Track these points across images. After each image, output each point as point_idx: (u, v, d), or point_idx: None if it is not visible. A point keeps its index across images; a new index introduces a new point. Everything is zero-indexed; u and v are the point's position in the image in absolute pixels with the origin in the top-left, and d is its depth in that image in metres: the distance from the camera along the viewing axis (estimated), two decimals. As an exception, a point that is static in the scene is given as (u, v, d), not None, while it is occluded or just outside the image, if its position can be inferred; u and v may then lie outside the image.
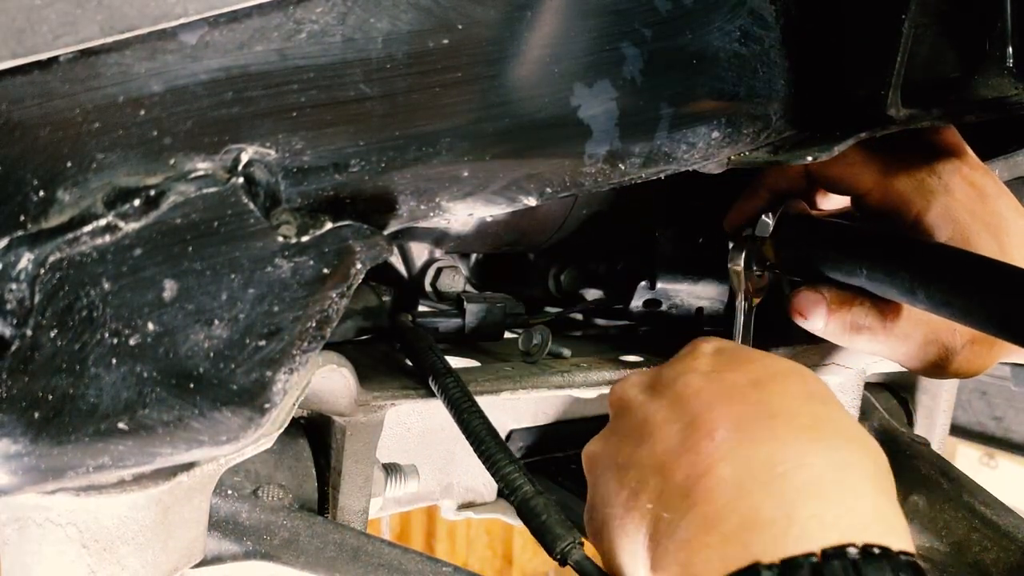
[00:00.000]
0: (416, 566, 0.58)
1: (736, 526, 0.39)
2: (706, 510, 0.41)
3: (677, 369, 0.51)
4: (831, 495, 0.40)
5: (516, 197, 0.48)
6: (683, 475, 0.43)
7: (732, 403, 0.45)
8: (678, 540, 0.41)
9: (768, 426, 0.43)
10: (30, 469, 0.38)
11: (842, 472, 0.41)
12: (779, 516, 0.39)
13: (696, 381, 0.48)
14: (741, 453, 0.42)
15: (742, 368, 0.48)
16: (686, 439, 0.44)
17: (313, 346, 0.43)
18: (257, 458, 0.60)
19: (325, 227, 0.42)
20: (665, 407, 0.48)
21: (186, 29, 0.37)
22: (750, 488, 0.40)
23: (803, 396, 0.45)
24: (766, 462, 0.41)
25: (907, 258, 0.54)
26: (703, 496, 0.41)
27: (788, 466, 0.41)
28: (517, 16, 0.44)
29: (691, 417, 0.45)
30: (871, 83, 0.52)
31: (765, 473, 0.41)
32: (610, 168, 0.49)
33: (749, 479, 0.41)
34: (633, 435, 0.49)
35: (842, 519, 0.38)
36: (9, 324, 0.36)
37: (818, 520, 0.38)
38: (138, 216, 0.37)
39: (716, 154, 0.53)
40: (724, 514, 0.40)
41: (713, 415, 0.45)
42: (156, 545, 0.50)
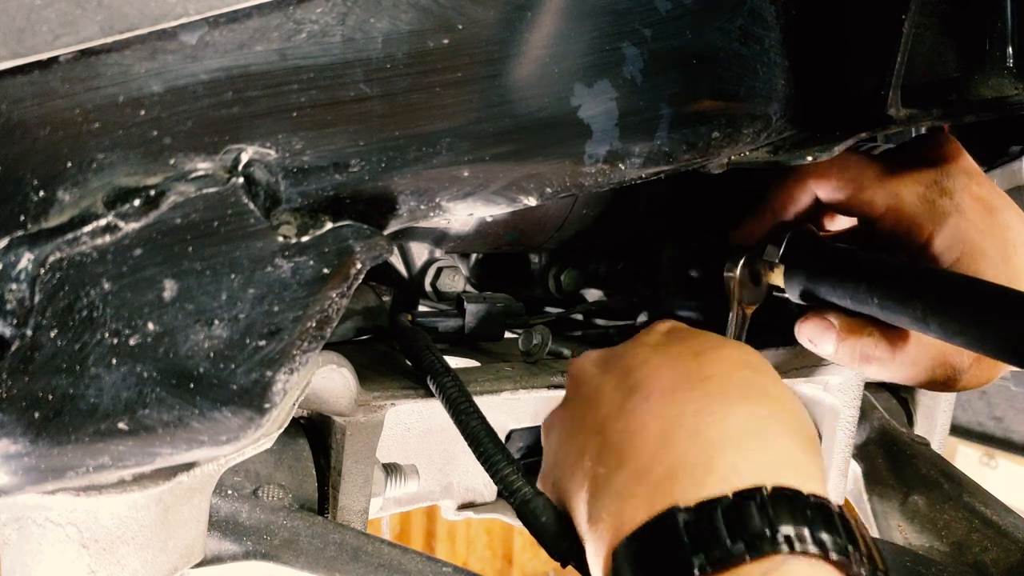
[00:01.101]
0: (416, 566, 0.58)
1: (660, 475, 0.41)
2: (636, 464, 0.43)
3: (629, 345, 0.54)
4: (749, 444, 0.42)
5: (516, 197, 0.48)
6: (618, 434, 0.45)
7: (671, 369, 0.48)
8: (611, 493, 0.43)
9: (700, 387, 0.45)
10: (30, 469, 0.38)
11: (761, 423, 0.43)
12: (699, 463, 0.41)
13: (643, 353, 0.51)
14: (671, 410, 0.44)
15: (687, 342, 0.51)
16: (625, 402, 0.47)
17: (313, 346, 0.43)
18: (257, 458, 0.60)
19: (325, 227, 0.42)
20: (614, 378, 0.50)
21: (186, 29, 0.37)
22: (675, 440, 0.43)
23: (739, 364, 0.48)
24: (692, 416, 0.43)
25: (919, 288, 0.53)
26: (633, 451, 0.44)
27: (712, 419, 0.43)
28: (517, 16, 0.44)
29: (633, 383, 0.48)
30: (871, 83, 0.52)
31: (690, 426, 0.43)
32: (610, 168, 0.49)
33: (674, 432, 0.43)
34: (583, 404, 0.51)
35: (757, 465, 0.41)
36: (9, 324, 0.36)
37: (733, 466, 0.41)
38: (138, 216, 0.37)
39: (716, 154, 0.53)
40: (651, 465, 0.42)
41: (651, 380, 0.47)
42: (156, 545, 0.50)
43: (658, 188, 0.80)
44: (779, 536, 0.38)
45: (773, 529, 0.38)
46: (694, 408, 0.44)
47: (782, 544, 0.37)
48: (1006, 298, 0.50)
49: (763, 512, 0.38)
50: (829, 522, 0.39)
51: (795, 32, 0.53)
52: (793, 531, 0.38)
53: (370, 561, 0.58)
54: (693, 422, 0.43)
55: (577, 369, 0.56)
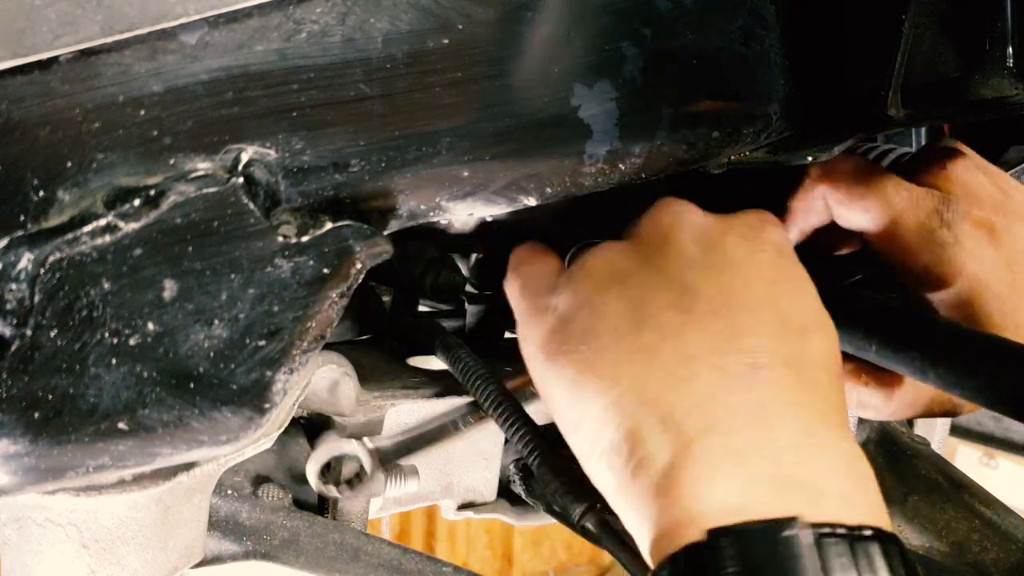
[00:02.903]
0: (416, 566, 0.58)
1: (767, 469, 0.38)
2: (733, 444, 0.39)
3: (741, 250, 0.47)
4: (858, 479, 0.39)
5: (516, 197, 0.48)
6: (709, 389, 0.41)
7: (783, 339, 0.43)
8: (691, 455, 0.39)
9: (809, 389, 0.42)
10: (30, 469, 0.38)
11: (860, 463, 0.40)
12: (811, 479, 0.38)
13: (759, 277, 0.45)
14: (779, 404, 0.41)
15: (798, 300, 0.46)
16: (725, 351, 0.42)
17: (313, 346, 0.43)
18: (257, 458, 0.60)
19: (325, 227, 0.42)
20: (715, 291, 0.44)
21: (186, 29, 0.37)
22: (782, 444, 0.39)
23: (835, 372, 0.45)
24: (803, 425, 0.40)
25: (916, 337, 0.53)
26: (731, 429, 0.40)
27: (815, 440, 0.40)
28: (517, 16, 0.44)
29: (738, 329, 0.43)
30: (871, 83, 0.52)
31: (803, 438, 0.40)
32: (610, 168, 0.49)
33: (781, 434, 0.39)
34: (669, 290, 0.45)
35: (866, 503, 0.38)
36: (9, 324, 0.36)
37: (848, 498, 0.38)
38: (138, 216, 0.37)
39: (716, 154, 0.53)
40: (751, 455, 0.39)
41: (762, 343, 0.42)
42: (156, 545, 0.50)
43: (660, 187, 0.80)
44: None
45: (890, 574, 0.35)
46: (803, 411, 0.41)
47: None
48: (1005, 350, 0.50)
49: (886, 557, 0.36)
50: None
51: (795, 32, 0.53)
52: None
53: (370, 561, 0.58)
54: (806, 427, 0.40)
55: (670, 224, 0.48)
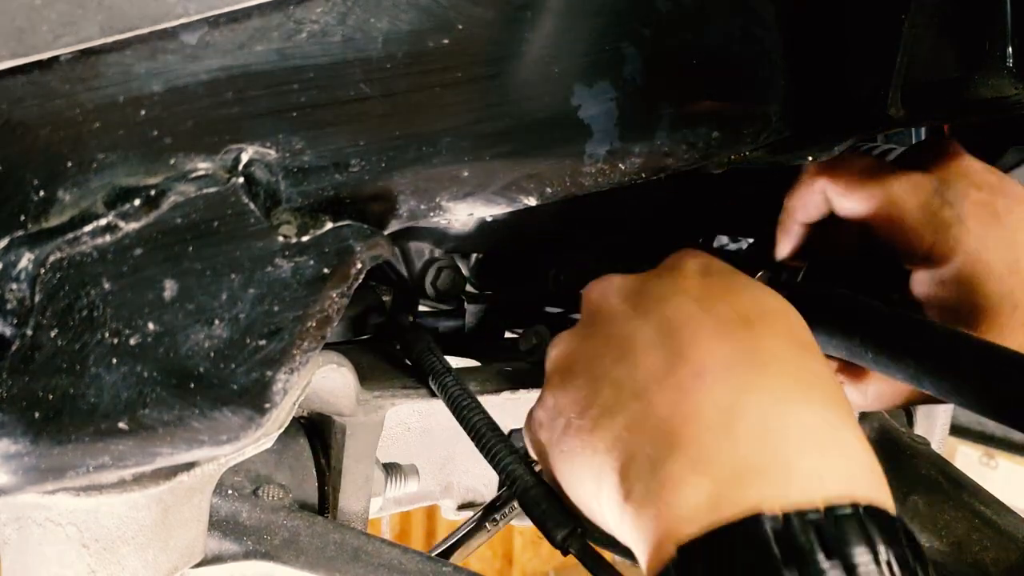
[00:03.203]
0: (416, 566, 0.58)
1: (730, 473, 0.38)
2: (693, 453, 0.39)
3: (665, 286, 0.48)
4: (830, 451, 0.39)
5: (516, 197, 0.48)
6: (666, 410, 0.41)
7: (722, 341, 0.43)
8: (660, 478, 0.39)
9: (759, 374, 0.41)
10: (30, 469, 0.38)
11: (835, 428, 0.40)
12: (775, 466, 0.38)
13: (685, 307, 0.45)
14: (730, 399, 0.40)
15: (732, 299, 0.46)
16: (671, 371, 0.43)
17: (313, 346, 0.43)
18: (257, 458, 0.60)
19: (325, 227, 0.42)
20: (651, 328, 0.45)
21: (186, 29, 0.37)
22: (740, 434, 0.39)
23: (793, 345, 0.44)
24: (757, 413, 0.40)
25: (912, 344, 0.53)
26: (689, 438, 0.40)
27: (782, 421, 0.39)
28: (517, 16, 0.44)
29: (678, 347, 0.43)
30: (871, 83, 0.52)
31: (757, 425, 0.39)
32: (610, 168, 0.49)
33: (738, 425, 0.39)
34: (612, 348, 0.46)
35: (843, 476, 0.38)
36: (9, 324, 0.36)
37: (817, 474, 0.37)
38: (138, 216, 0.37)
39: (716, 154, 0.53)
40: (713, 458, 0.39)
41: (702, 351, 0.42)
42: (156, 545, 0.50)
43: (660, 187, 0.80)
44: (881, 563, 0.34)
45: (875, 554, 0.34)
46: (755, 402, 0.40)
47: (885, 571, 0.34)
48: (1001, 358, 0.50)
49: (863, 532, 0.35)
50: (917, 550, 0.36)
51: (795, 32, 0.53)
52: (894, 558, 0.35)
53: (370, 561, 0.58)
54: (759, 417, 0.39)
55: (599, 298, 0.50)
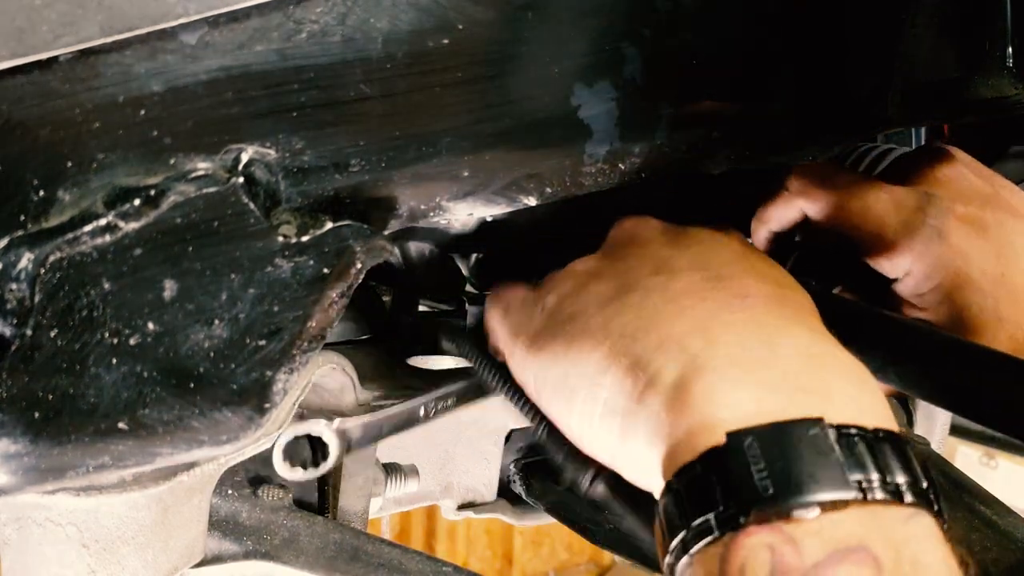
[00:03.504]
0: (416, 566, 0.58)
1: (778, 381, 0.38)
2: (736, 354, 0.39)
3: (704, 233, 0.49)
4: (865, 387, 0.40)
5: (516, 197, 0.48)
6: (706, 315, 0.41)
7: (762, 282, 0.44)
8: (698, 368, 0.39)
9: (797, 316, 0.42)
10: (30, 469, 0.38)
11: (868, 376, 0.41)
12: (818, 388, 0.38)
13: (725, 251, 0.46)
14: (773, 323, 0.41)
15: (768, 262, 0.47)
16: (713, 289, 0.43)
17: (313, 346, 0.43)
18: (257, 458, 0.60)
19: (325, 227, 0.42)
20: (691, 256, 0.46)
21: (186, 29, 0.37)
22: (783, 355, 0.39)
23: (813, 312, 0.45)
24: (799, 341, 0.40)
25: (879, 337, 0.53)
26: (731, 342, 0.40)
27: (821, 353, 0.40)
28: (517, 16, 0.44)
29: (719, 274, 0.44)
30: (871, 83, 0.52)
31: (801, 350, 0.40)
32: (610, 168, 0.49)
33: (783, 346, 0.40)
34: (646, 263, 0.46)
35: (878, 410, 0.38)
36: (9, 324, 0.36)
37: (857, 403, 0.38)
38: (138, 216, 0.37)
39: (716, 154, 0.53)
40: (761, 367, 0.39)
41: (745, 282, 0.43)
42: (156, 545, 0.50)
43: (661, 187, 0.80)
44: (918, 485, 0.35)
45: (912, 477, 0.35)
46: (797, 331, 0.41)
47: (922, 495, 0.35)
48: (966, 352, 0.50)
49: (903, 457, 0.35)
50: (932, 478, 0.37)
51: (795, 32, 0.53)
52: (925, 483, 0.35)
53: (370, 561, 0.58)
54: (802, 345, 0.40)
55: (633, 226, 0.51)
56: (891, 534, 0.33)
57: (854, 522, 0.33)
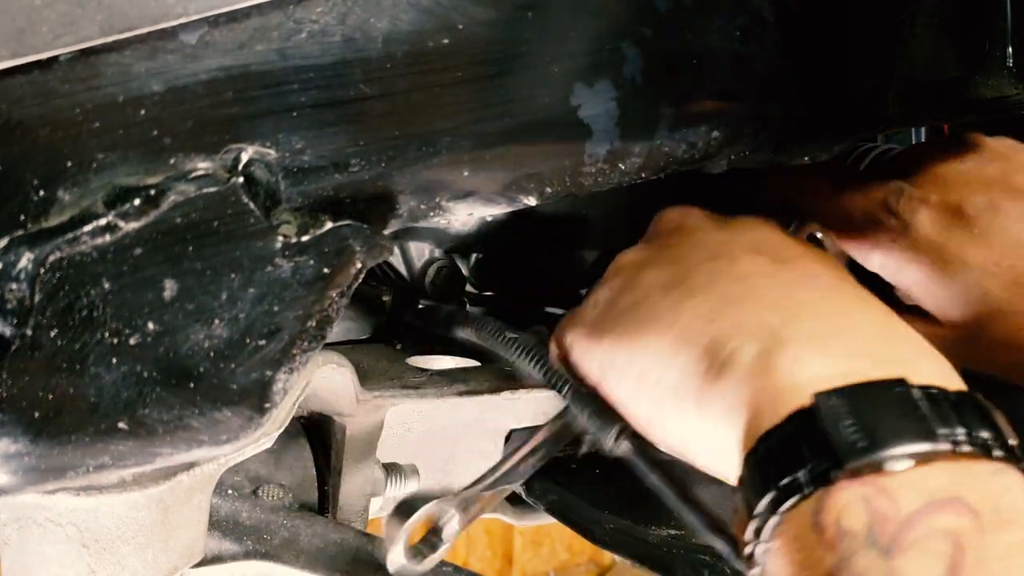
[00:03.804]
0: (416, 566, 0.58)
1: (857, 348, 0.39)
2: (815, 325, 0.40)
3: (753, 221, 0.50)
4: (939, 358, 0.40)
5: (516, 197, 0.48)
6: (777, 294, 0.42)
7: (826, 264, 0.46)
8: (778, 341, 0.39)
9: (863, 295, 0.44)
10: (30, 469, 0.38)
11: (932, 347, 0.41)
12: (899, 355, 0.39)
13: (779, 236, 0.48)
14: (845, 301, 0.42)
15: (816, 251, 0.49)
16: (780, 269, 0.44)
17: (313, 346, 0.43)
18: (257, 458, 0.60)
19: (325, 227, 0.42)
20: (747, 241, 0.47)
21: (186, 29, 0.37)
22: (860, 324, 0.41)
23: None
24: (873, 317, 0.41)
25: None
26: (809, 316, 0.41)
27: (895, 329, 0.41)
28: (517, 16, 0.44)
29: (782, 256, 0.45)
30: (871, 83, 0.52)
31: (876, 324, 0.41)
32: (610, 168, 0.49)
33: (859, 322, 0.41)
34: (701, 249, 0.47)
35: (954, 378, 0.39)
36: (9, 324, 0.36)
37: (937, 370, 0.38)
38: (138, 216, 0.37)
39: (716, 154, 0.53)
40: (839, 335, 0.39)
41: (808, 264, 0.45)
42: (156, 544, 0.50)
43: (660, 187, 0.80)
44: (1006, 442, 0.35)
45: (997, 434, 0.35)
46: (870, 308, 0.42)
47: (1009, 451, 0.35)
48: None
49: (986, 415, 0.35)
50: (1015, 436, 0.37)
51: (795, 32, 0.53)
52: (1012, 440, 0.35)
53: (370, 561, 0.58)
54: (876, 320, 0.41)
55: (680, 216, 0.52)
56: (983, 485, 0.33)
57: (946, 474, 0.33)
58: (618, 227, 0.82)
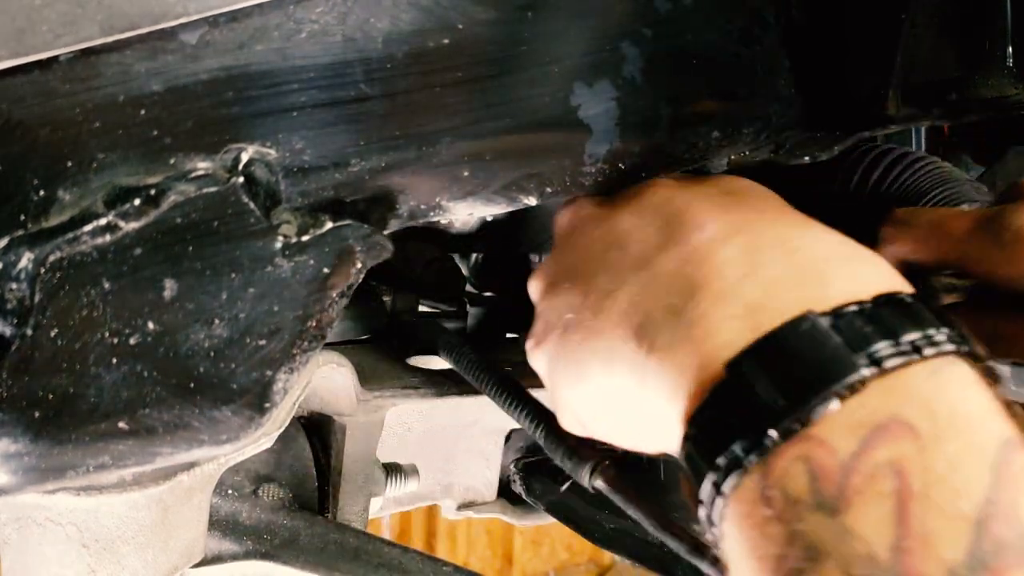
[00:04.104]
0: (416, 566, 0.58)
1: (761, 294, 0.36)
2: (719, 287, 0.37)
3: (633, 189, 0.47)
4: (858, 258, 0.38)
5: (516, 197, 0.48)
6: (674, 265, 0.39)
7: (713, 205, 0.41)
8: (686, 321, 0.37)
9: (760, 218, 0.40)
10: (30, 469, 0.38)
11: (856, 247, 0.38)
12: (810, 277, 0.36)
13: (662, 191, 0.44)
14: (742, 238, 0.38)
15: (707, 181, 0.45)
16: (672, 237, 0.41)
17: (313, 345, 0.43)
18: (257, 458, 0.60)
19: (325, 226, 0.42)
20: (634, 214, 0.44)
21: (186, 29, 0.37)
22: (765, 263, 0.37)
23: (780, 202, 0.43)
24: (776, 241, 0.38)
25: None
26: (709, 276, 0.37)
27: (802, 242, 0.38)
28: (517, 16, 0.44)
29: (671, 218, 0.42)
30: (871, 83, 0.52)
31: (779, 249, 0.37)
32: (610, 168, 0.49)
33: (762, 255, 0.37)
34: (597, 243, 0.45)
35: (877, 274, 0.36)
36: (9, 324, 0.36)
37: (855, 276, 0.36)
38: (138, 215, 0.37)
39: (716, 154, 0.53)
40: (743, 287, 0.36)
41: (695, 211, 0.41)
42: (156, 544, 0.50)
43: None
44: (934, 336, 0.33)
45: (925, 330, 0.33)
46: (771, 234, 0.38)
47: (943, 344, 0.33)
48: None
49: (911, 313, 0.33)
50: (954, 324, 0.35)
51: (795, 32, 0.53)
52: (942, 332, 0.33)
53: (370, 561, 0.58)
54: (779, 245, 0.38)
55: (571, 213, 0.49)
56: (918, 394, 0.32)
57: (877, 398, 0.32)
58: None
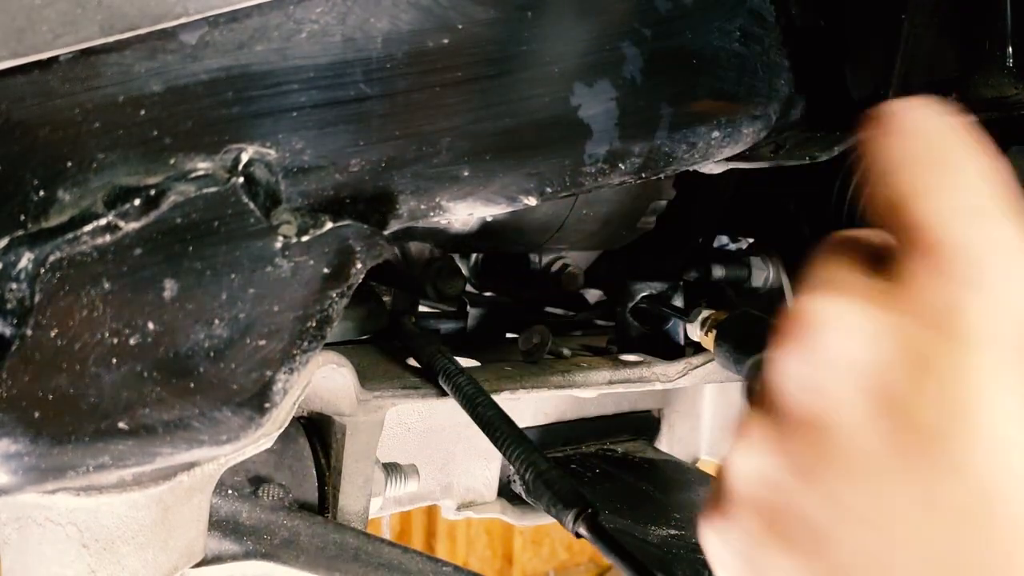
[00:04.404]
0: (416, 566, 0.58)
1: None
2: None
3: (958, 384, 0.27)
4: None
5: (516, 197, 0.48)
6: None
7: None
8: None
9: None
10: (30, 469, 0.38)
11: None
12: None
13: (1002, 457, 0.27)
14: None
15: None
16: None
17: (313, 346, 0.43)
18: (257, 458, 0.60)
19: (325, 227, 0.42)
20: (947, 491, 0.27)
21: (186, 29, 0.37)
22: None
23: None
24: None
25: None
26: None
27: None
28: (517, 16, 0.44)
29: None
30: (871, 83, 0.52)
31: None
32: (610, 168, 0.49)
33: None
34: (871, 512, 0.28)
35: None
36: (9, 324, 0.36)
37: None
38: (138, 216, 0.37)
39: (716, 154, 0.53)
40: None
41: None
42: (156, 544, 0.50)
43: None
44: None
45: None
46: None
47: None
48: None
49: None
50: None
51: (795, 32, 0.53)
52: None
53: (370, 561, 0.58)
54: None
55: (816, 385, 0.29)
56: None
57: None
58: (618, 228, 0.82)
